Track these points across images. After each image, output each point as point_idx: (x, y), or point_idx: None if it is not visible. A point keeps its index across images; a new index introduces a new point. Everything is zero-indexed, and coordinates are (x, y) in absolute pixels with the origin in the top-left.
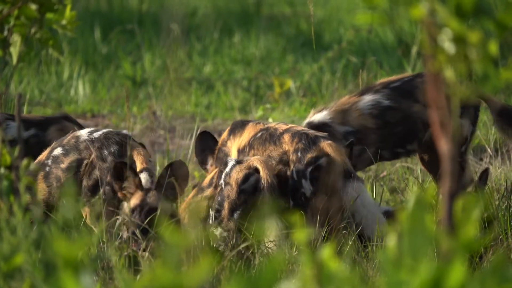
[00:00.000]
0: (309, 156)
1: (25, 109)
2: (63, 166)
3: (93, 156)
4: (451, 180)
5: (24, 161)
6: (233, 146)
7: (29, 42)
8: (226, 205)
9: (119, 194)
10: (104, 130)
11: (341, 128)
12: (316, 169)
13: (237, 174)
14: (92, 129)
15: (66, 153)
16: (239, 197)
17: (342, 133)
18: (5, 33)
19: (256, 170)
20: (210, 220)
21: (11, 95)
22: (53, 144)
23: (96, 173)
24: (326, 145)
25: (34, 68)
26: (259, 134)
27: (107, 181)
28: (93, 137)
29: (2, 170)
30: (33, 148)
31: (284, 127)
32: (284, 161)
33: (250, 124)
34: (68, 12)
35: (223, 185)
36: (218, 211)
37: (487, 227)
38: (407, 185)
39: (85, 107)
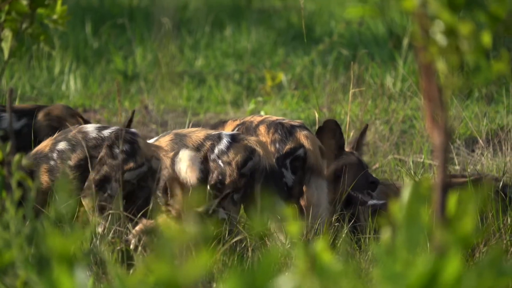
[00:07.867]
0: (287, 147)
1: (16, 104)
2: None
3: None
4: (443, 172)
5: (16, 156)
6: None
7: (20, 37)
8: (228, 183)
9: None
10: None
11: None
12: (295, 159)
13: (236, 156)
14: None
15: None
16: (240, 180)
17: None
18: None
19: (252, 152)
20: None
21: (2, 90)
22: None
23: (105, 169)
24: (303, 137)
25: (25, 63)
26: (236, 130)
27: (115, 178)
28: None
29: None
30: (25, 138)
31: (259, 118)
32: None
33: (229, 121)
34: (59, 6)
35: (219, 162)
36: (219, 190)
37: (480, 221)
38: (399, 177)
39: (76, 102)
